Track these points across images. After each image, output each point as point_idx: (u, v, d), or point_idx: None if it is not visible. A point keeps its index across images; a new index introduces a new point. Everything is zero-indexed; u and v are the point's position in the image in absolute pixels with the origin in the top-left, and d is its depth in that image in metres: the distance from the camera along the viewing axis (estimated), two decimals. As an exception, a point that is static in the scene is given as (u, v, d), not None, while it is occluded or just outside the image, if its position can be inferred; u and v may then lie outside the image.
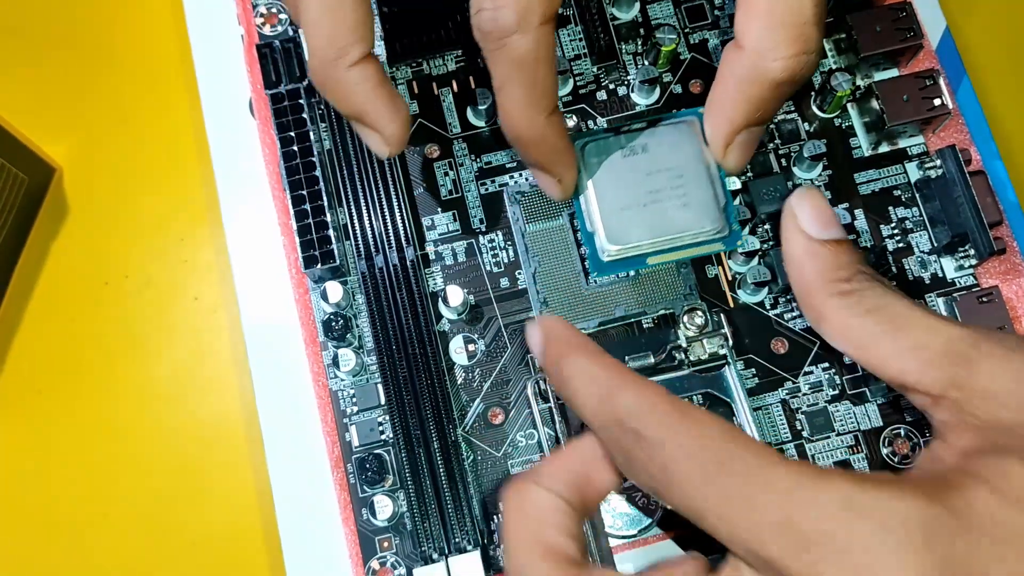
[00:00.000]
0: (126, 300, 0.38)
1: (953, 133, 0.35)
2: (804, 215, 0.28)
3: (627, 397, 0.25)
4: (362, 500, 0.32)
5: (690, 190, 0.30)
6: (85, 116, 0.40)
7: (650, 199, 0.30)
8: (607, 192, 0.30)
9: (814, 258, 0.27)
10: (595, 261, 0.30)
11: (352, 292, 0.34)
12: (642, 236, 0.30)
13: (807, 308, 0.27)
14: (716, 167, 0.30)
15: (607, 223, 0.30)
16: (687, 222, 0.30)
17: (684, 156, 0.30)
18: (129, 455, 0.37)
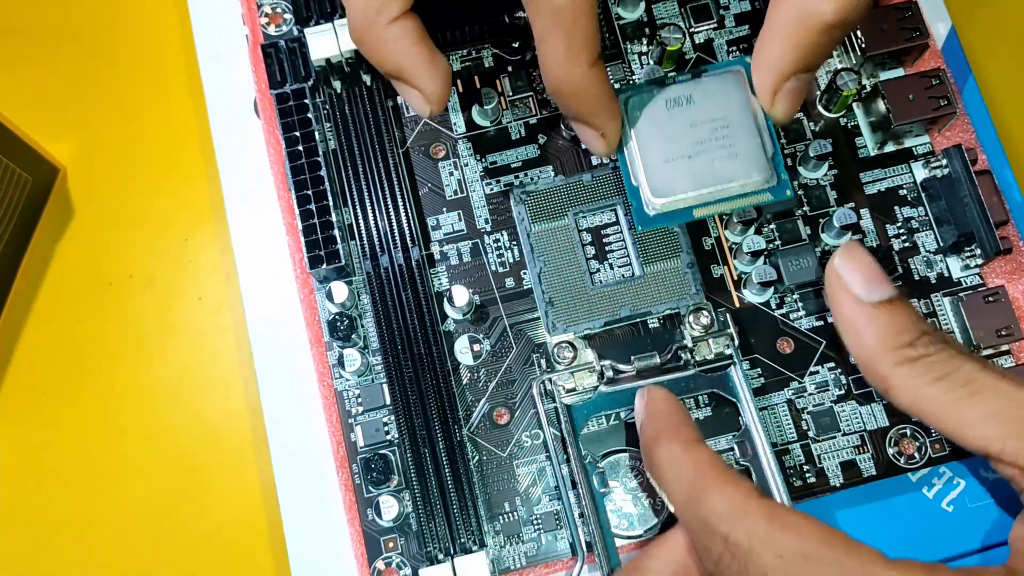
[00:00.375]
0: (130, 300, 0.38)
1: (959, 133, 0.35)
2: (852, 277, 0.27)
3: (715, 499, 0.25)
4: (367, 500, 0.32)
5: (736, 140, 0.29)
6: (89, 116, 0.40)
7: (695, 151, 0.29)
8: (651, 145, 0.30)
9: (872, 323, 0.27)
10: (640, 215, 0.30)
11: (357, 292, 0.34)
12: (687, 188, 0.29)
13: (871, 375, 0.27)
14: (763, 116, 0.30)
15: (651, 176, 0.29)
16: (734, 172, 0.29)
17: (730, 106, 0.30)
18: (133, 455, 0.37)
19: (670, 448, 0.27)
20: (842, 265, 0.28)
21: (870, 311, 0.27)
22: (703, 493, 0.25)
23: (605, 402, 0.32)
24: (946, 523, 0.32)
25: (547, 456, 0.32)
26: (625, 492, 0.32)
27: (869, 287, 0.27)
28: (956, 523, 0.32)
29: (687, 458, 0.27)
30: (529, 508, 0.32)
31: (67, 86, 0.40)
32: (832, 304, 0.28)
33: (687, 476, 0.26)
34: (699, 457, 0.27)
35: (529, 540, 0.32)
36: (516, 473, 0.32)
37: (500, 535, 0.32)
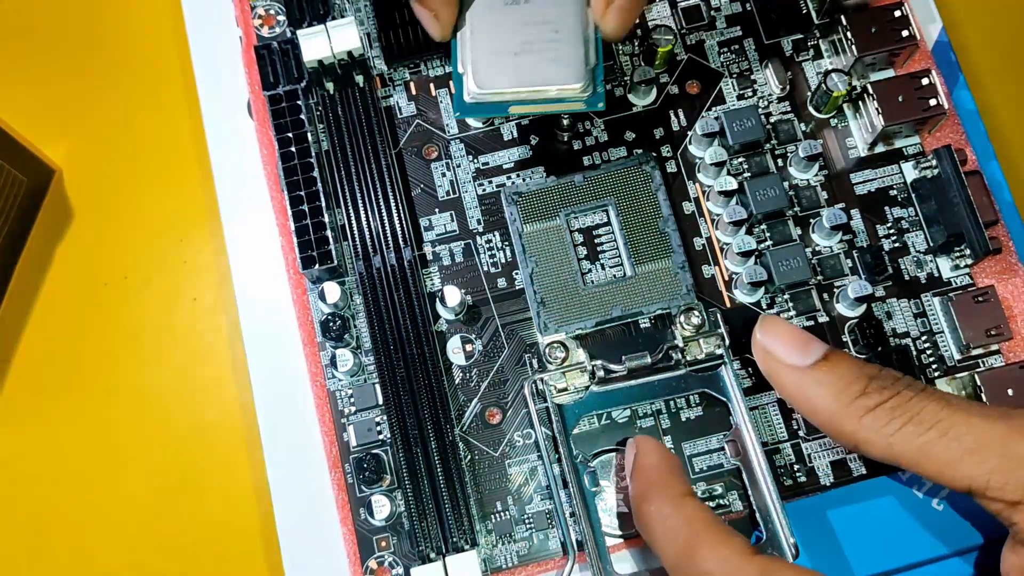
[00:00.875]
0: (125, 301, 0.38)
1: (949, 133, 0.35)
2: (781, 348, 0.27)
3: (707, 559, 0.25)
4: (360, 500, 0.32)
5: (562, 46, 0.30)
6: (84, 117, 0.40)
7: (522, 48, 0.30)
8: (482, 35, 0.31)
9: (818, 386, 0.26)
10: (459, 101, 0.31)
11: (350, 292, 0.34)
12: (507, 84, 0.30)
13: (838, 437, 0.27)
14: (594, 28, 0.30)
15: (476, 66, 0.30)
16: (554, 76, 0.30)
17: (564, 11, 0.31)
18: (128, 455, 0.37)
19: (659, 505, 0.27)
20: (766, 340, 0.28)
21: (811, 375, 0.27)
22: (695, 552, 0.25)
23: (596, 402, 0.32)
24: (936, 522, 0.32)
25: (539, 456, 0.33)
26: (616, 491, 0.32)
27: (801, 352, 0.27)
28: (946, 522, 0.32)
29: (677, 515, 0.26)
30: (521, 507, 0.32)
31: (62, 88, 0.41)
32: (773, 382, 0.28)
33: (677, 534, 0.26)
34: (689, 513, 0.26)
35: (521, 539, 0.32)
36: (508, 472, 0.33)
37: (492, 534, 0.32)
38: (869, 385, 0.26)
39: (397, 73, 0.36)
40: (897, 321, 0.34)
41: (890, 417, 0.25)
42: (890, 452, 0.26)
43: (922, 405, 0.26)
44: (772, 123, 0.35)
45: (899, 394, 0.26)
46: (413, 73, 0.36)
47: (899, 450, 0.25)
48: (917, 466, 0.26)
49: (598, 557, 0.30)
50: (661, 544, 0.27)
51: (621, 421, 0.33)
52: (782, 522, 0.30)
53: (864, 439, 0.26)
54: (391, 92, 0.36)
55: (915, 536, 0.32)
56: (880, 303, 0.34)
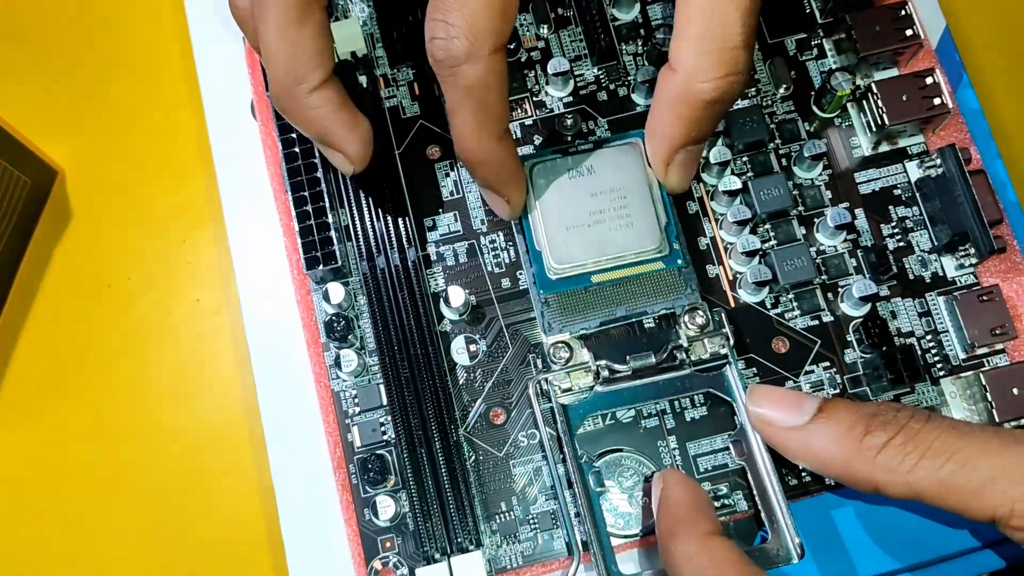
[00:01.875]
0: (129, 302, 0.38)
1: (953, 132, 0.35)
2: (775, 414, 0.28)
3: None
4: (364, 500, 0.32)
5: (633, 211, 0.32)
6: (87, 118, 0.40)
7: (594, 219, 0.32)
8: (553, 212, 0.32)
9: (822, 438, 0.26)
10: (542, 279, 0.32)
11: (354, 293, 0.34)
12: (586, 255, 0.31)
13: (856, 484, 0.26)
14: (658, 187, 0.32)
15: (553, 243, 0.31)
16: (629, 242, 0.31)
17: (628, 177, 0.32)
18: (132, 456, 0.37)
19: (685, 544, 0.27)
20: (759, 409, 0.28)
21: (812, 430, 0.27)
22: None
23: (601, 402, 0.32)
24: (942, 522, 0.32)
25: (543, 456, 0.33)
26: (621, 491, 0.32)
27: (796, 411, 0.27)
28: (952, 521, 0.32)
29: (702, 554, 0.26)
30: (525, 508, 0.32)
31: (65, 89, 0.41)
32: (779, 448, 0.28)
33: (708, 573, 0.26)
34: (716, 554, 0.26)
35: (525, 540, 0.32)
36: (512, 473, 0.33)
37: (496, 535, 0.32)
38: (871, 423, 0.26)
39: (401, 73, 0.36)
40: (902, 320, 0.34)
41: (904, 454, 0.25)
42: (911, 490, 0.25)
43: (933, 436, 0.25)
44: (776, 122, 0.35)
45: (905, 428, 0.26)
46: (416, 73, 0.36)
47: (920, 487, 0.25)
48: (940, 499, 0.25)
49: (603, 557, 0.30)
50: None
51: (626, 421, 0.33)
52: (788, 522, 0.30)
53: (883, 481, 0.25)
54: (394, 92, 0.36)
55: (921, 536, 0.32)
56: (885, 302, 0.34)
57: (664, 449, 0.33)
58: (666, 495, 0.29)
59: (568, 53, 0.36)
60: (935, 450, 0.25)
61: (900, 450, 0.25)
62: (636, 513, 0.32)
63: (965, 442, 0.25)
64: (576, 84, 0.36)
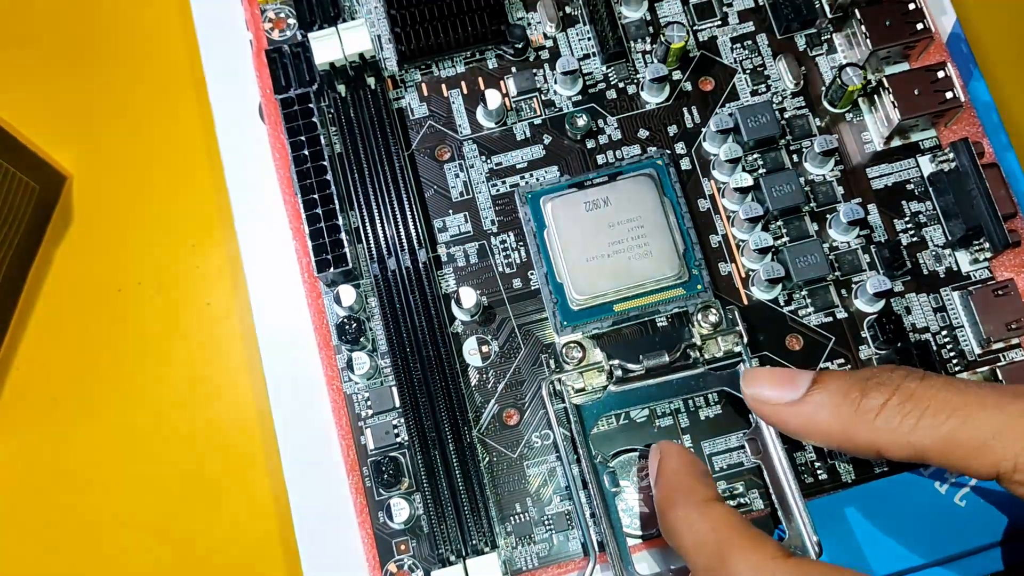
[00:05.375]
0: (139, 307, 0.38)
1: (965, 126, 0.35)
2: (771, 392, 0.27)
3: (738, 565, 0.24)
4: (378, 503, 0.32)
5: (651, 239, 0.32)
6: (95, 124, 0.40)
7: (613, 250, 0.32)
8: (573, 245, 0.32)
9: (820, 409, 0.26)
10: (565, 310, 0.32)
11: (365, 295, 0.34)
12: (607, 286, 0.32)
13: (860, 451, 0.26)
14: (675, 216, 0.32)
15: (574, 274, 0.32)
16: (648, 270, 0.32)
17: (644, 207, 0.33)
18: (143, 461, 0.37)
19: (685, 511, 0.27)
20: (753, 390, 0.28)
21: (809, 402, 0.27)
22: (726, 559, 0.25)
23: (615, 402, 0.32)
24: (958, 518, 0.32)
25: (557, 456, 0.32)
26: (636, 491, 0.32)
27: (790, 386, 0.27)
28: (968, 518, 0.32)
29: (704, 521, 0.26)
30: (540, 509, 0.32)
31: (73, 94, 0.40)
32: (779, 427, 0.28)
33: (706, 541, 0.25)
34: (716, 518, 0.26)
35: (541, 541, 0.32)
36: (527, 474, 0.32)
37: (511, 536, 0.32)
38: (866, 387, 0.26)
39: (409, 75, 0.36)
40: (916, 316, 0.33)
41: (903, 414, 0.25)
42: (913, 450, 0.25)
43: (931, 393, 0.25)
44: (787, 118, 0.35)
45: (901, 387, 0.25)
46: (425, 74, 0.36)
47: (922, 446, 0.25)
48: (942, 458, 0.25)
49: (619, 558, 0.30)
50: (690, 552, 0.26)
51: (640, 421, 0.33)
52: (805, 520, 0.30)
53: (884, 444, 0.25)
54: (403, 94, 0.36)
55: (937, 533, 0.32)
56: (899, 298, 0.34)
57: (679, 448, 0.32)
58: (663, 465, 0.29)
59: (576, 51, 0.36)
60: (934, 408, 0.25)
61: (899, 410, 0.25)
62: (652, 513, 0.32)
63: (964, 398, 0.25)
64: (585, 83, 0.36)
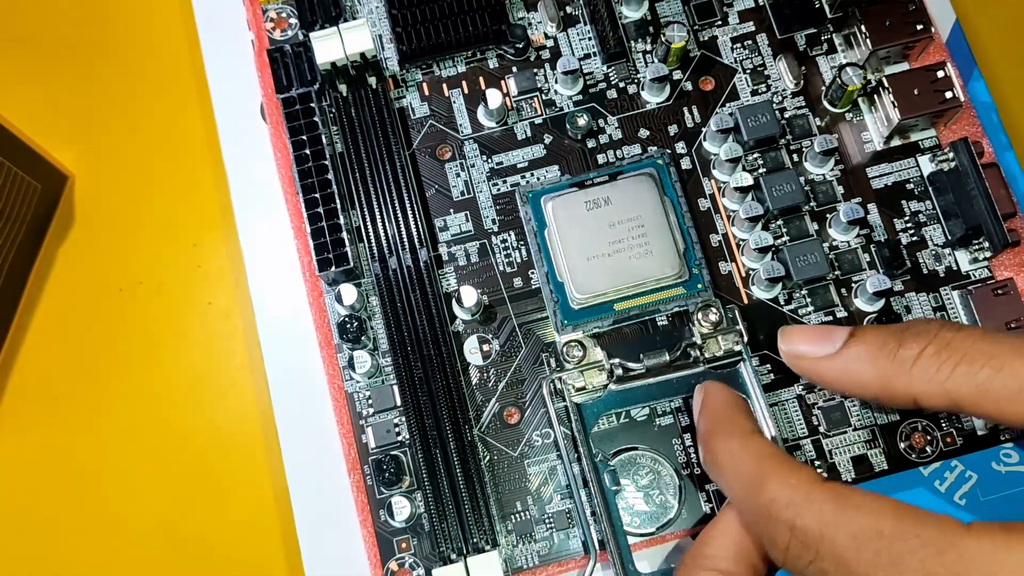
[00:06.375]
0: (140, 306, 0.38)
1: (965, 126, 0.35)
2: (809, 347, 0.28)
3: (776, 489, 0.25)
4: (379, 502, 0.32)
5: (651, 238, 0.32)
6: (97, 123, 0.40)
7: (613, 249, 0.32)
8: (573, 244, 0.32)
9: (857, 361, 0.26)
10: (566, 309, 0.32)
11: (366, 294, 0.34)
12: (608, 285, 0.32)
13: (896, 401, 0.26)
14: (675, 215, 0.32)
15: (575, 274, 0.32)
16: (649, 269, 0.32)
17: (644, 206, 0.33)
18: (145, 460, 0.37)
19: (726, 442, 0.27)
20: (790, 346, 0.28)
21: (846, 355, 0.27)
22: (763, 484, 0.25)
23: (615, 400, 0.32)
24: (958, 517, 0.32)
25: (558, 455, 0.32)
26: (636, 490, 0.32)
27: (829, 340, 0.27)
28: (968, 517, 0.32)
29: (744, 451, 0.27)
30: (541, 507, 0.32)
31: (75, 94, 0.41)
32: (816, 380, 0.29)
33: (745, 467, 0.26)
34: (756, 448, 0.26)
35: (541, 539, 0.32)
36: (527, 472, 0.33)
37: (512, 534, 0.32)
38: (903, 337, 0.26)
39: (410, 74, 0.36)
40: (916, 315, 0.33)
41: (939, 362, 0.25)
42: (949, 399, 0.25)
43: (968, 343, 0.25)
44: (787, 118, 0.35)
45: (938, 337, 0.25)
46: (426, 74, 0.36)
47: (958, 394, 0.25)
48: (977, 407, 0.25)
49: (620, 556, 0.30)
50: (729, 479, 0.27)
51: (640, 420, 0.33)
52: None
53: (920, 392, 0.25)
54: (404, 93, 0.36)
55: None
56: (899, 297, 0.34)
57: (679, 447, 0.33)
58: (708, 400, 0.29)
59: (577, 51, 0.36)
60: (970, 356, 0.25)
61: (935, 359, 0.25)
62: (652, 511, 0.32)
63: (1000, 348, 0.25)
64: (586, 82, 0.36)
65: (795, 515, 0.24)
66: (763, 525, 0.25)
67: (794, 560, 0.24)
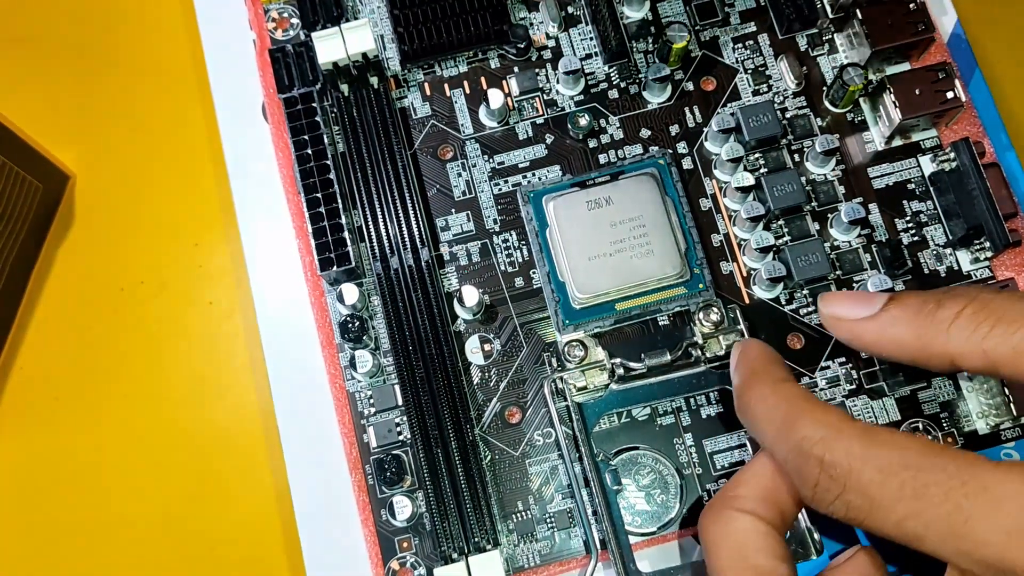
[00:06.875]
0: (141, 306, 0.38)
1: (966, 126, 0.35)
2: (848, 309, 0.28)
3: (807, 426, 0.25)
4: (381, 501, 0.32)
5: (652, 238, 0.32)
6: (98, 123, 0.40)
7: (615, 249, 0.32)
8: (575, 243, 0.32)
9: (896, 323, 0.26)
10: (567, 309, 0.32)
11: (368, 294, 0.34)
12: (609, 284, 0.32)
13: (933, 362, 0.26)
14: (677, 215, 0.33)
15: (576, 273, 0.32)
16: (650, 269, 0.32)
17: (646, 206, 0.33)
18: (147, 460, 0.37)
19: (760, 388, 0.28)
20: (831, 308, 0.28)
21: (885, 317, 0.27)
22: (794, 422, 0.25)
23: (617, 400, 0.32)
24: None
25: (559, 454, 0.32)
26: (638, 489, 0.32)
27: (868, 304, 0.27)
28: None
29: (776, 395, 0.27)
30: (542, 506, 0.32)
31: (76, 93, 0.41)
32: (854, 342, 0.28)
33: (776, 411, 0.26)
34: (788, 392, 0.27)
35: (543, 539, 0.32)
36: (529, 472, 0.33)
37: (513, 534, 0.32)
38: (942, 298, 0.26)
39: (411, 74, 0.36)
40: (917, 315, 0.33)
41: (976, 323, 0.25)
42: (986, 359, 0.25)
43: (1006, 306, 0.25)
44: (788, 118, 0.35)
45: (976, 299, 0.25)
46: (427, 74, 0.36)
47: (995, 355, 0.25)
48: (1013, 368, 0.25)
49: (621, 555, 0.30)
50: (761, 424, 0.27)
51: (641, 419, 0.33)
52: (805, 516, 0.30)
53: (957, 352, 0.25)
54: (405, 93, 0.36)
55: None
56: (900, 297, 0.34)
57: (680, 447, 0.33)
58: (744, 355, 0.30)
59: (579, 51, 0.36)
60: (1009, 318, 0.24)
61: (973, 319, 0.25)
62: (653, 511, 0.32)
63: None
64: (587, 82, 0.36)
65: (825, 450, 0.24)
66: (794, 462, 0.25)
67: (823, 494, 0.24)
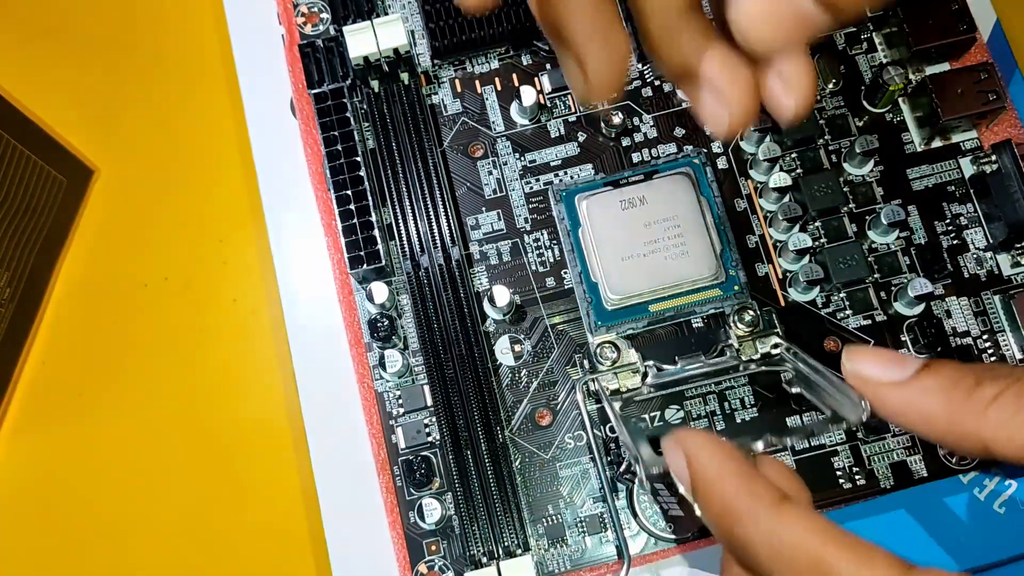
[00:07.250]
0: (165, 302, 0.38)
1: (1007, 127, 0.34)
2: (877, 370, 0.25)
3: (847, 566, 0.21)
4: (409, 503, 0.32)
5: (687, 239, 0.32)
6: (123, 117, 0.40)
7: (649, 249, 0.32)
8: (608, 244, 0.32)
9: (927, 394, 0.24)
10: (599, 310, 0.32)
11: (397, 292, 0.33)
12: (643, 286, 0.32)
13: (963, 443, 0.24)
14: (712, 215, 0.32)
15: (609, 274, 0.32)
16: (685, 270, 0.32)
17: (680, 206, 0.32)
18: (171, 458, 0.36)
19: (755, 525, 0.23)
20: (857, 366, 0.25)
21: (916, 385, 0.24)
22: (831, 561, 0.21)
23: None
24: (998, 525, 0.32)
25: (591, 458, 0.32)
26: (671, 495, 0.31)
27: (900, 367, 0.25)
28: (1008, 525, 0.32)
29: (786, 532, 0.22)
30: (573, 511, 0.32)
31: (101, 88, 0.40)
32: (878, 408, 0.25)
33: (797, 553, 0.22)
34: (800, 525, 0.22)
35: (573, 543, 0.32)
36: (559, 475, 0.32)
37: (544, 538, 0.32)
38: (982, 376, 0.23)
39: (443, 71, 0.36)
40: (957, 320, 0.33)
41: (1018, 407, 0.22)
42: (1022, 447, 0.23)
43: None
44: (825, 118, 0.35)
45: (1021, 380, 0.23)
46: (458, 70, 0.36)
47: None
48: None
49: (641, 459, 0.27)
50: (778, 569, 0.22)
51: (675, 423, 0.32)
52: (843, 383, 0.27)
53: (991, 436, 0.23)
54: (436, 90, 0.35)
55: (976, 539, 0.31)
56: (939, 301, 0.33)
57: (714, 451, 0.32)
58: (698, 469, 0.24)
59: (612, 49, 0.36)
60: None
61: (1014, 402, 0.22)
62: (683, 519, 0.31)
63: None
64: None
65: None
66: None
67: None
